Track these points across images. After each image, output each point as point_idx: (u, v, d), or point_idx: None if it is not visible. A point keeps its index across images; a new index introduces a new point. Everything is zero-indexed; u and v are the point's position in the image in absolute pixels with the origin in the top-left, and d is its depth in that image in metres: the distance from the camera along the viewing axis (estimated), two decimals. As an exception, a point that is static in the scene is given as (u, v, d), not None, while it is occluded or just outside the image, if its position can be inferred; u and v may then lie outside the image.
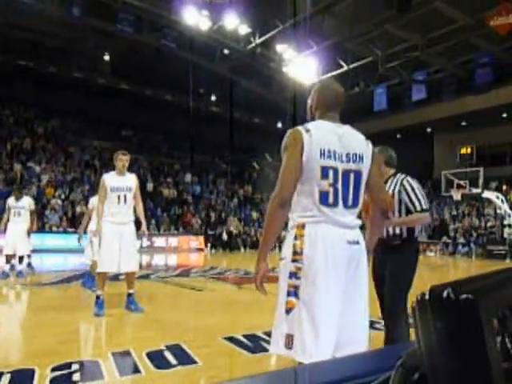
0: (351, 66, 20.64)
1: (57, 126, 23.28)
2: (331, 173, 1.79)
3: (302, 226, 1.76)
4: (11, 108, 22.64)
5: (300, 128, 1.83)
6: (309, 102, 2.05)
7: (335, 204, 1.80)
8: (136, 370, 2.91)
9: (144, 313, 4.88)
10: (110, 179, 4.98)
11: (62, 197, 18.27)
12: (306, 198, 1.79)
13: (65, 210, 17.66)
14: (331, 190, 1.78)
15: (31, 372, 2.76)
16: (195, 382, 2.87)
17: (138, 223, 5.13)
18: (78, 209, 17.83)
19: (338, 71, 21.12)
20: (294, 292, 1.72)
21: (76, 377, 2.72)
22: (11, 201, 8.27)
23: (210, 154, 27.07)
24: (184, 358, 3.18)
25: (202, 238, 18.75)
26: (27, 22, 18.82)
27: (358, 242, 1.82)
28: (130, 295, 5.05)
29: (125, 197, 4.93)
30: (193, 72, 20.85)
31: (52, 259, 13.01)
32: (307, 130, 1.81)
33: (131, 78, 24.26)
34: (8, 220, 8.18)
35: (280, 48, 20.11)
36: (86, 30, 19.58)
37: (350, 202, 1.84)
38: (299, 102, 22.14)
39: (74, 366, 2.89)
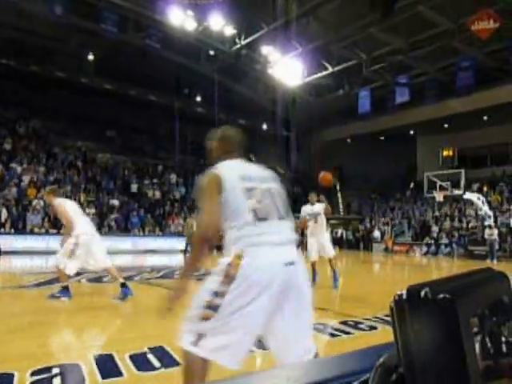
0: (336, 69, 20.81)
1: (39, 126, 22.90)
2: (254, 192, 1.95)
3: (239, 257, 1.83)
4: (-9, 107, 22.20)
5: (212, 170, 2.00)
6: (208, 147, 2.27)
7: (267, 218, 1.93)
8: (118, 373, 2.87)
9: (126, 315, 4.82)
10: None
11: (44, 198, 17.96)
12: (237, 221, 1.89)
13: (46, 211, 17.36)
14: (259, 206, 1.92)
15: (10, 376, 2.70)
16: (179, 385, 2.84)
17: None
18: (61, 210, 17.57)
19: (323, 73, 21.27)
20: (214, 307, 1.79)
21: (57, 381, 2.67)
22: None
23: (195, 155, 26.97)
24: (167, 361, 3.14)
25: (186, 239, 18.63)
26: (9, 20, 18.49)
27: (293, 263, 1.88)
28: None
29: None
30: (178, 73, 20.77)
31: (33, 261, 12.79)
32: (217, 169, 2.01)
33: (115, 78, 24.00)
34: None
35: (265, 50, 20.16)
36: (70, 29, 19.33)
37: (282, 213, 1.99)
38: (284, 103, 22.22)
39: (55, 370, 2.83)
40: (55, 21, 18.01)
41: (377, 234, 23.32)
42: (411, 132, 27.33)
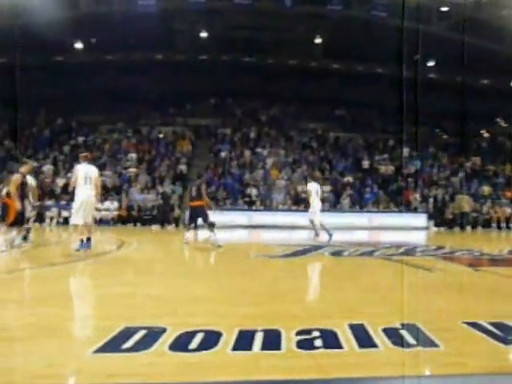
0: None
1: (277, 113, 25.28)
2: None
3: None
4: (239, 101, 25.59)
5: None
6: None
7: None
8: (373, 345, 2.87)
9: (372, 290, 4.86)
10: None
11: (285, 177, 19.80)
12: None
13: (288, 190, 19.10)
14: None
15: (279, 333, 3.02)
16: (439, 367, 2.65)
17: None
18: (299, 188, 19.05)
19: None
20: None
21: (318, 343, 2.85)
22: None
23: (429, 126, 25.02)
24: (423, 340, 2.98)
25: (424, 216, 17.64)
26: (244, 21, 20.83)
27: None
28: None
29: None
30: (407, 38, 19.51)
31: (278, 234, 14.29)
32: None
33: (341, 57, 24.31)
34: None
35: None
36: (297, 18, 20.46)
37: None
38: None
39: (315, 333, 3.03)
40: (283, 13, 19.36)
41: None
42: None
